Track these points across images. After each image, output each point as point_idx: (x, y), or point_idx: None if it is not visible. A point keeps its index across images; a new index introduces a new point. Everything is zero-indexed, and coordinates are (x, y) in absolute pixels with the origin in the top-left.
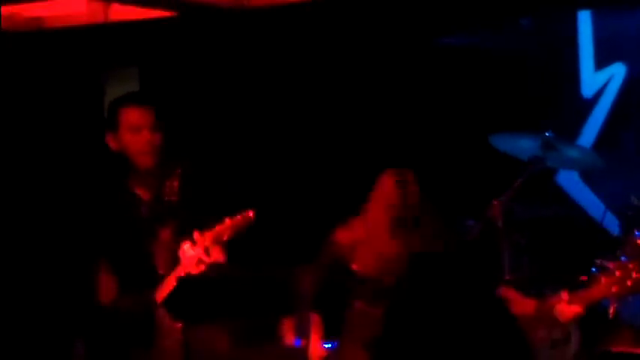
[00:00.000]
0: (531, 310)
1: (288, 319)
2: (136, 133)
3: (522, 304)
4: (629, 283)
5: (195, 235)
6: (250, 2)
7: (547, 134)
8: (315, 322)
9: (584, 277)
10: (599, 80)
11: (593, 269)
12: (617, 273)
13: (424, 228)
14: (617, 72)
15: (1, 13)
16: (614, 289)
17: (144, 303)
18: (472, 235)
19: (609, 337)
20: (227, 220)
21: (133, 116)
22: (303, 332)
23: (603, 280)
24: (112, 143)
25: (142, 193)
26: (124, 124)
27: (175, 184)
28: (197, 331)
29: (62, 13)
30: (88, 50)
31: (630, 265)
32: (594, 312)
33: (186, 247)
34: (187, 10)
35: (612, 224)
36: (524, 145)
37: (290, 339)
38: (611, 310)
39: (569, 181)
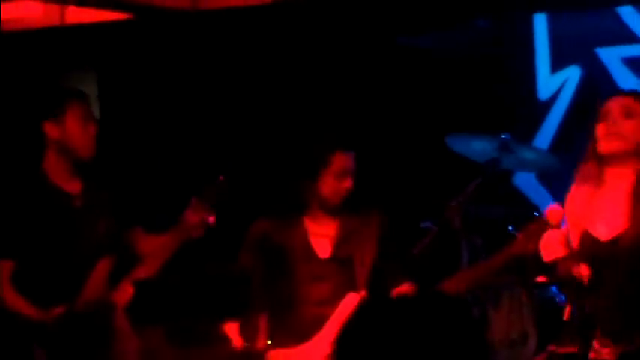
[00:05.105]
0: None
1: (234, 321)
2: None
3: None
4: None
5: (194, 201)
6: (205, 4)
7: (503, 136)
8: (263, 322)
9: (541, 278)
10: (554, 82)
11: (510, 228)
12: (532, 228)
13: None
14: (573, 74)
15: None
16: (530, 244)
17: (101, 306)
18: (429, 237)
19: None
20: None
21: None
22: (250, 334)
23: (519, 236)
24: (52, 132)
25: (72, 186)
26: (71, 114)
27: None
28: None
29: (18, 15)
30: (44, 53)
31: (542, 221)
32: (551, 313)
33: (187, 214)
34: (143, 12)
35: None
36: (480, 147)
37: (238, 341)
38: (567, 311)
39: (526, 182)
